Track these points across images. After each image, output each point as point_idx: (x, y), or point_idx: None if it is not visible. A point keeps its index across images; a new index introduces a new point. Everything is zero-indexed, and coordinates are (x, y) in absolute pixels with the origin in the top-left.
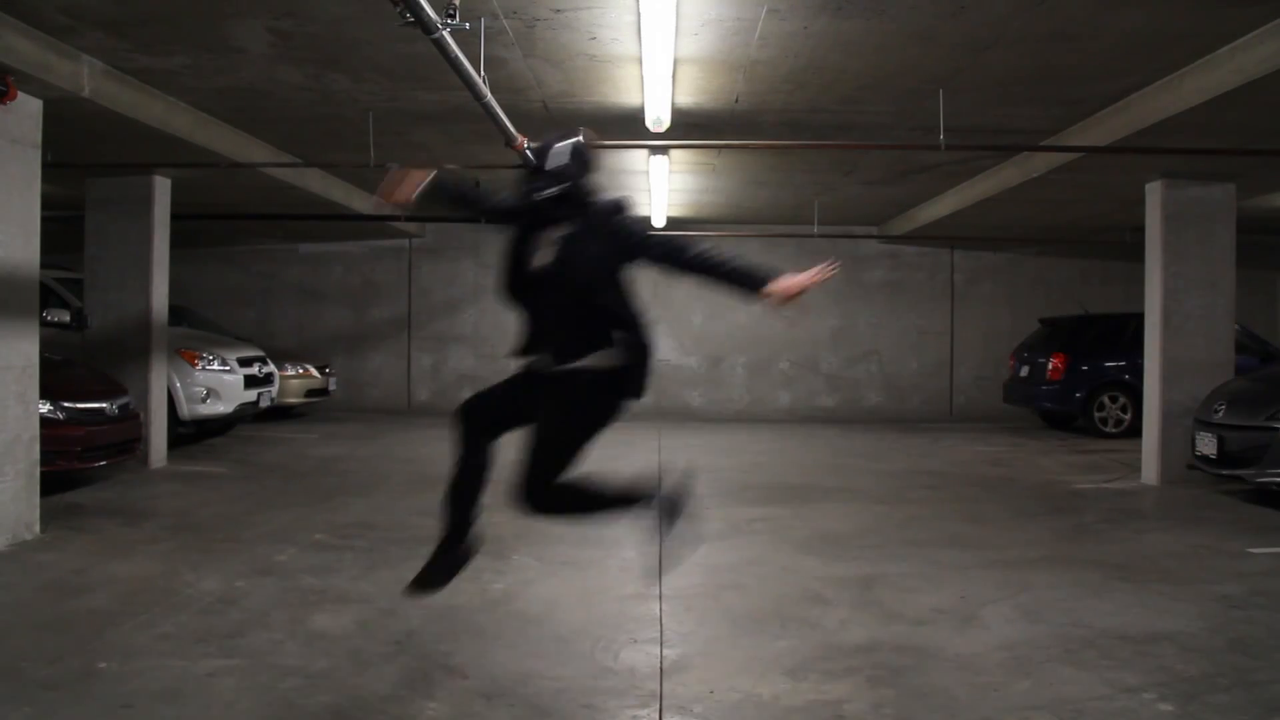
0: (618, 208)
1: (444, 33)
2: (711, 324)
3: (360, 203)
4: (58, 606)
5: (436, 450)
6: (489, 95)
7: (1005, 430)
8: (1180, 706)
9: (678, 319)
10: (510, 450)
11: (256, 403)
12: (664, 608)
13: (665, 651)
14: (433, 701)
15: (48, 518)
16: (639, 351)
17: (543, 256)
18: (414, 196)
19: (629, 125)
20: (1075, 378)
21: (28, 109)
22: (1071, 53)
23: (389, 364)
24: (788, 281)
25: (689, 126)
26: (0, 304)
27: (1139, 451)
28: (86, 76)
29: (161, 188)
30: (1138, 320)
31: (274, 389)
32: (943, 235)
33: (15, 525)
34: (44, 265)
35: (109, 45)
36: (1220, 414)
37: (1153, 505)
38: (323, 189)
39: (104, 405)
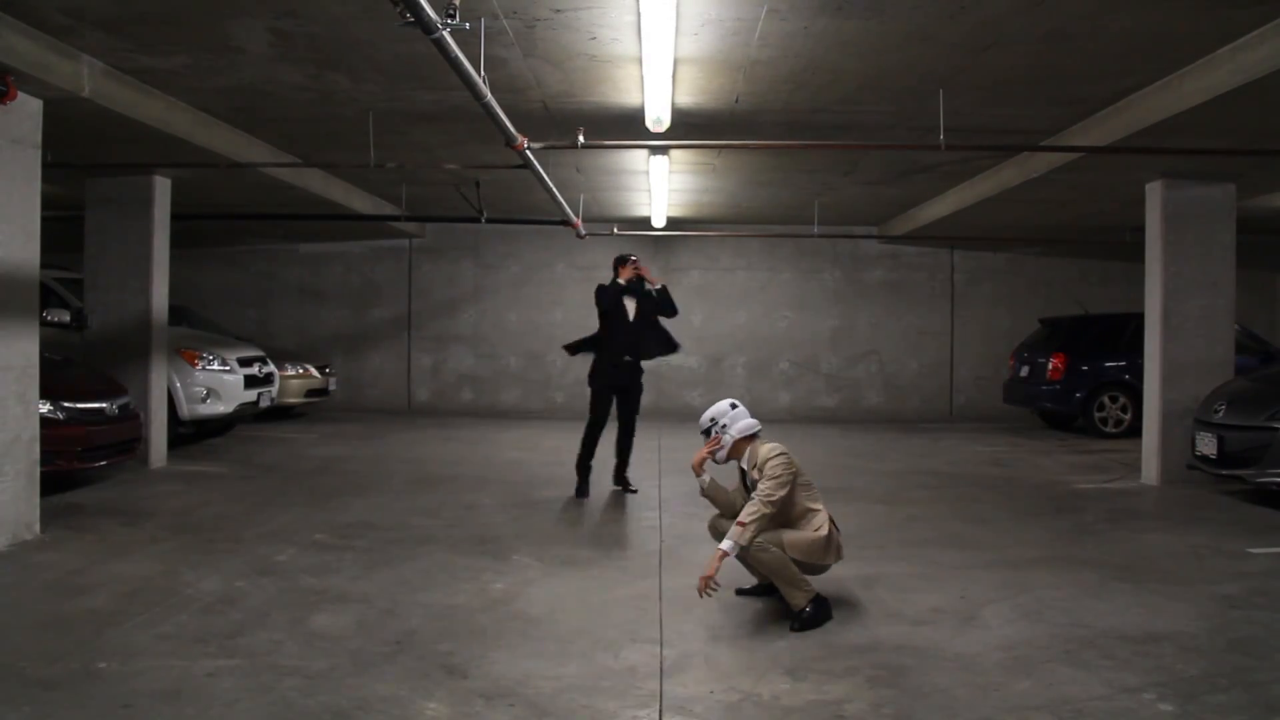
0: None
1: (444, 33)
2: (711, 324)
3: (360, 203)
4: (58, 606)
5: (436, 450)
6: (489, 95)
7: (1005, 430)
8: (1180, 706)
9: (677, 319)
10: None
11: (256, 403)
12: (664, 608)
13: (665, 651)
14: (432, 701)
15: (48, 518)
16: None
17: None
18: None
19: (629, 125)
20: (1075, 378)
21: (28, 109)
22: (1071, 53)
23: (389, 364)
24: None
25: (689, 126)
26: (0, 304)
27: (1139, 451)
28: (86, 76)
29: (161, 188)
30: (1138, 320)
31: (274, 389)
32: (943, 235)
33: (15, 525)
34: (44, 265)
35: (109, 45)
36: (1220, 414)
37: (1153, 505)
38: (323, 189)
39: (104, 405)
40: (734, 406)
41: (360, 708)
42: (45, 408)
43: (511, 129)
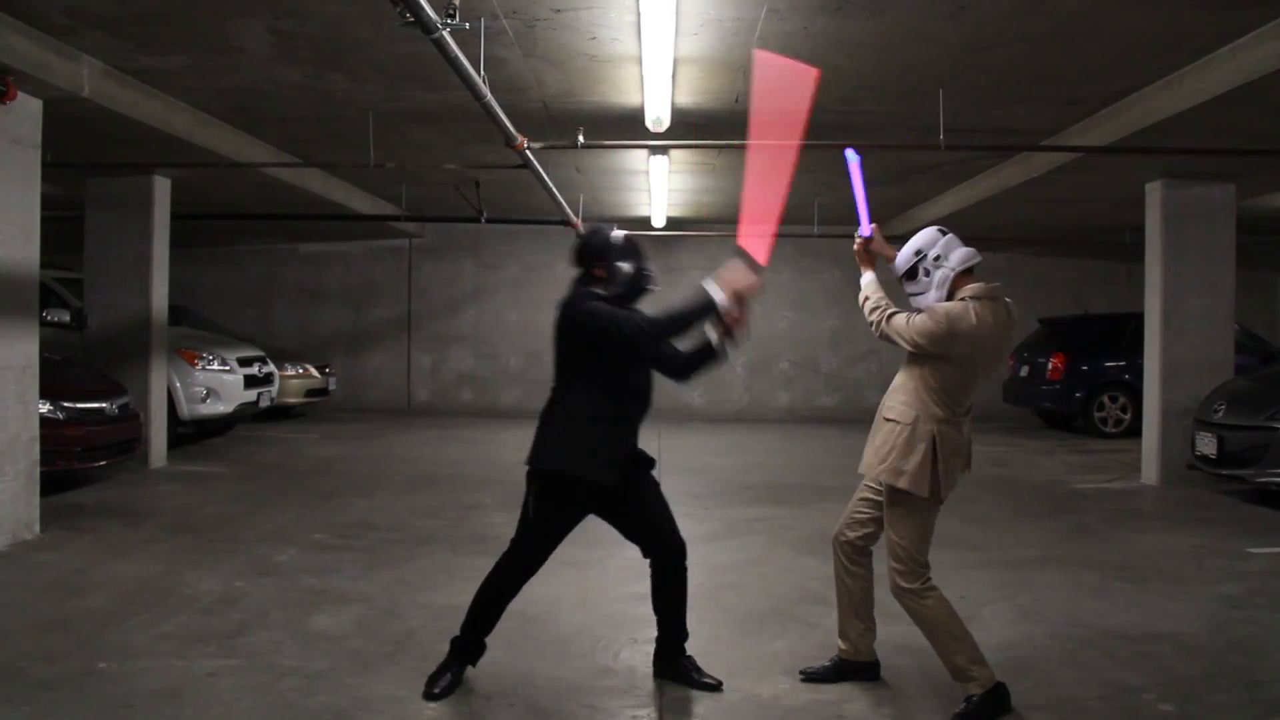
0: None
1: (444, 33)
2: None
3: (360, 203)
4: (58, 606)
5: (436, 450)
6: (489, 95)
7: (1005, 430)
8: (1180, 706)
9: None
10: None
11: (256, 402)
12: None
13: None
14: (433, 701)
15: (48, 518)
16: None
17: None
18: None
19: (629, 125)
20: (1075, 378)
21: (28, 109)
22: (1071, 53)
23: (389, 364)
24: (733, 276)
25: (689, 126)
26: (0, 304)
27: (1139, 451)
28: (86, 76)
29: (161, 188)
30: (1138, 320)
31: (274, 389)
32: None
33: (15, 525)
34: (44, 265)
35: (109, 45)
36: (1220, 414)
37: (1153, 505)
38: (323, 189)
39: (104, 405)
40: (943, 233)
41: (360, 708)
42: (45, 408)
43: (511, 129)
